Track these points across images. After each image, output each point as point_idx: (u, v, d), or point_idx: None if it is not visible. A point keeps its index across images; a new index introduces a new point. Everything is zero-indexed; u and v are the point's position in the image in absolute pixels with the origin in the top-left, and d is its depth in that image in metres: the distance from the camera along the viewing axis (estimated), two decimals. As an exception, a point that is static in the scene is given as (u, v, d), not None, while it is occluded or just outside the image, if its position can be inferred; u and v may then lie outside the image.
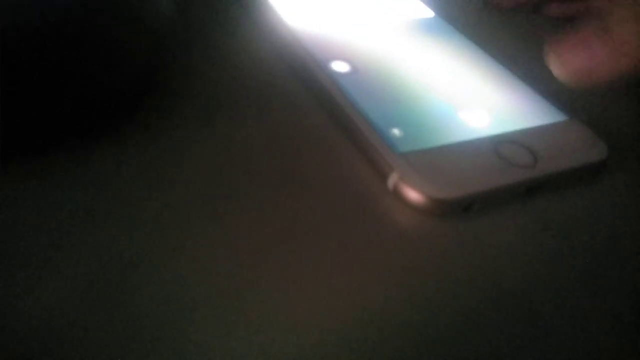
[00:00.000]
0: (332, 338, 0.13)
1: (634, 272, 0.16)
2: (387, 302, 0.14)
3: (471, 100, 0.21)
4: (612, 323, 0.15)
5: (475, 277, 0.15)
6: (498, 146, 0.19)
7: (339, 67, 0.21)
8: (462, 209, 0.17)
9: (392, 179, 0.17)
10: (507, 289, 0.15)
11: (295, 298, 0.14)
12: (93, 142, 0.18)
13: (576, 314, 0.15)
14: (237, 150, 0.18)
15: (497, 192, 0.17)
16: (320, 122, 0.20)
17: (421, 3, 0.28)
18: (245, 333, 0.13)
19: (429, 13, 0.27)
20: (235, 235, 0.16)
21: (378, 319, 0.14)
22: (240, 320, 0.13)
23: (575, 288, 0.16)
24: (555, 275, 0.16)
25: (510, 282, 0.15)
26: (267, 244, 0.15)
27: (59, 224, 0.15)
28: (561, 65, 0.21)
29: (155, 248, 0.15)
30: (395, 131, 0.18)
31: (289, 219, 0.16)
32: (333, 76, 0.21)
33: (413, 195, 0.17)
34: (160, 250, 0.15)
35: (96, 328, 0.13)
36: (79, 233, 0.15)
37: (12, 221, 0.15)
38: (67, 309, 0.13)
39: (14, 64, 0.15)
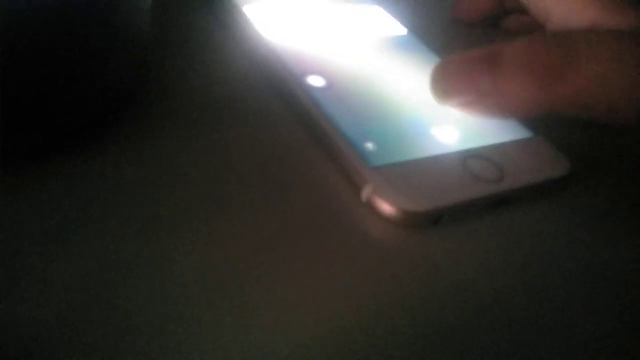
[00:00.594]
0: (304, 349, 0.14)
1: (593, 281, 0.17)
2: (361, 311, 0.15)
3: (441, 116, 0.22)
4: (574, 332, 0.16)
5: (444, 287, 0.16)
6: (466, 161, 0.19)
7: (315, 81, 0.22)
8: (431, 221, 0.18)
9: (366, 192, 0.18)
10: (475, 298, 0.16)
11: (270, 309, 0.15)
12: (80, 149, 0.18)
13: (541, 324, 0.16)
14: (212, 162, 0.19)
15: (465, 205, 0.18)
16: (297, 135, 0.21)
17: (395, 20, 0.29)
18: (220, 341, 0.14)
19: (402, 30, 0.28)
20: (210, 248, 0.16)
21: (351, 329, 0.15)
22: (216, 328, 0.14)
23: (539, 298, 0.16)
24: (521, 285, 0.17)
25: (478, 291, 0.16)
26: (242, 255, 0.16)
27: (52, 227, 0.15)
28: (440, 91, 0.20)
29: (148, 251, 0.15)
30: (369, 145, 0.19)
31: (264, 230, 0.17)
32: (309, 90, 0.21)
33: (385, 207, 0.17)
34: (146, 259, 0.15)
35: (90, 330, 0.13)
36: (72, 236, 0.15)
37: (5, 224, 0.15)
38: (61, 311, 0.13)
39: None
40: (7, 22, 0.14)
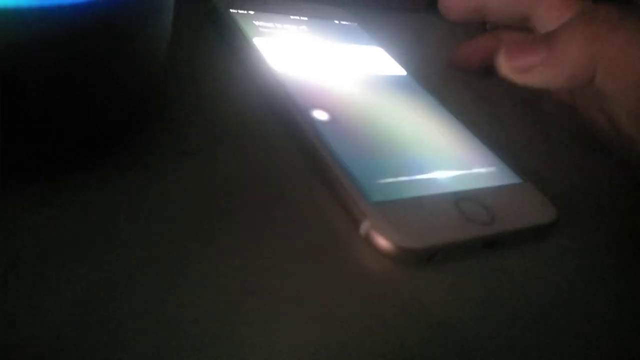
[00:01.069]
0: (304, 372, 0.14)
1: (583, 322, 0.18)
2: (350, 342, 0.16)
3: (437, 156, 0.23)
4: (553, 372, 0.16)
5: (432, 325, 0.17)
6: (459, 202, 0.20)
7: (320, 115, 0.23)
8: (425, 259, 0.19)
9: (365, 226, 0.19)
10: (459, 339, 0.17)
11: (266, 341, 0.15)
12: (79, 171, 0.19)
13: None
14: (211, 191, 0.19)
15: (457, 245, 0.19)
16: (298, 166, 0.22)
17: (396, 63, 0.30)
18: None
19: (402, 72, 0.29)
20: (207, 278, 0.16)
21: (337, 353, 0.15)
22: (213, 352, 0.14)
23: (525, 339, 0.17)
24: (507, 327, 0.17)
25: (464, 332, 0.17)
26: (239, 286, 0.16)
27: (44, 248, 0.16)
28: (505, 61, 0.26)
29: (151, 261, 0.16)
30: (370, 181, 0.20)
31: (262, 261, 0.17)
32: (313, 123, 0.22)
33: (382, 242, 0.18)
34: (153, 264, 0.16)
35: (88, 343, 0.13)
36: (65, 258, 0.16)
37: (7, 236, 0.16)
38: (53, 334, 0.14)
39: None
40: (26, 44, 0.15)
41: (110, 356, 0.14)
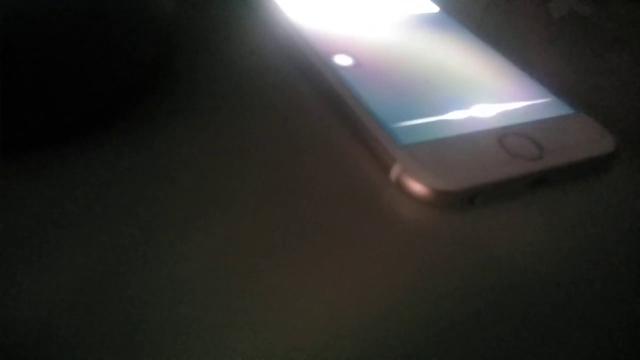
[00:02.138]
0: (338, 334, 0.13)
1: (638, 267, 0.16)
2: (392, 295, 0.14)
3: (475, 93, 0.20)
4: (617, 322, 0.14)
5: (478, 271, 0.15)
6: (503, 138, 0.18)
7: (342, 60, 0.21)
8: (465, 201, 0.17)
9: (395, 171, 0.17)
10: (510, 282, 0.15)
11: (300, 294, 0.14)
12: (91, 140, 0.18)
13: (580, 311, 0.14)
14: (239, 145, 0.18)
15: (502, 184, 0.17)
16: (323, 115, 0.20)
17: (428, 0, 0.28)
18: (248, 332, 0.13)
19: (434, 8, 0.27)
20: (237, 232, 0.15)
21: (383, 314, 0.14)
22: (243, 318, 0.13)
23: (581, 284, 0.15)
24: (560, 270, 0.15)
25: (514, 276, 0.15)
26: (270, 239, 0.15)
27: (50, 224, 0.15)
28: None
29: (155, 246, 0.15)
30: (398, 123, 0.18)
31: (292, 213, 0.16)
32: (336, 69, 0.20)
33: (416, 186, 0.16)
34: (160, 247, 0.15)
35: (87, 332, 0.13)
36: (71, 234, 0.15)
37: (5, 217, 0.15)
38: (57, 312, 0.13)
39: (12, 59, 0.14)
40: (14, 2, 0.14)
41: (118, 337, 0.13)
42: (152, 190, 0.16)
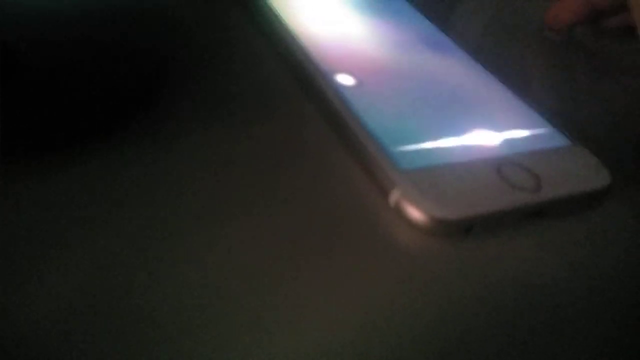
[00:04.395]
0: (329, 355, 0.13)
1: (635, 300, 0.16)
2: (384, 320, 0.14)
3: (476, 119, 0.21)
4: (615, 354, 0.14)
5: (473, 300, 0.15)
6: (501, 168, 0.18)
7: (344, 79, 0.21)
8: (462, 231, 0.17)
9: (394, 196, 0.17)
10: (505, 314, 0.15)
11: (292, 314, 0.14)
12: (89, 144, 0.17)
13: (576, 342, 0.15)
14: (235, 161, 0.18)
15: (499, 215, 0.17)
16: (323, 135, 0.20)
17: (428, 21, 0.28)
18: (242, 350, 0.13)
19: (436, 31, 0.27)
20: (231, 249, 0.15)
21: (377, 340, 0.14)
22: (237, 336, 0.13)
23: (576, 315, 0.15)
24: (556, 302, 0.16)
25: (509, 305, 0.15)
26: (265, 259, 0.15)
27: (55, 227, 0.15)
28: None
29: (154, 254, 0.14)
30: (399, 147, 0.18)
31: (288, 233, 0.16)
32: (337, 89, 0.20)
33: (414, 213, 0.16)
34: (158, 257, 0.14)
35: (91, 336, 0.12)
36: (75, 237, 0.15)
37: (5, 221, 0.15)
38: (60, 317, 0.13)
39: (16, 64, 0.14)
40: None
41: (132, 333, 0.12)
42: (154, 196, 0.16)
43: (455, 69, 0.24)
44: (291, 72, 0.23)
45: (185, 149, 0.18)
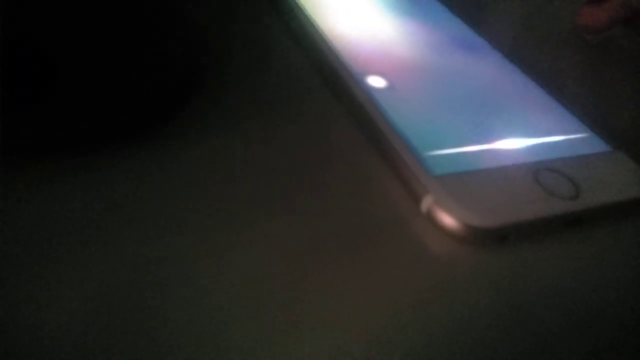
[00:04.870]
0: (357, 368, 0.13)
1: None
2: (415, 329, 0.14)
3: (511, 123, 0.20)
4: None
5: (507, 310, 0.15)
6: (538, 174, 0.18)
7: (376, 82, 0.21)
8: (498, 239, 0.16)
9: (426, 202, 0.16)
10: (539, 324, 0.14)
11: (321, 321, 0.13)
12: (116, 143, 0.17)
13: (611, 356, 0.14)
14: (264, 164, 0.18)
15: (536, 223, 0.16)
16: (353, 139, 0.19)
17: (462, 22, 0.27)
18: (272, 353, 0.13)
19: (471, 33, 0.26)
20: (257, 254, 0.15)
21: (404, 345, 0.13)
22: (262, 344, 0.13)
23: (612, 327, 0.15)
24: (595, 314, 0.15)
25: (543, 317, 0.15)
26: (293, 265, 0.15)
27: (73, 228, 0.15)
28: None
29: (178, 255, 0.14)
30: (432, 153, 0.18)
31: (317, 240, 0.16)
32: (369, 91, 0.20)
33: (447, 220, 0.16)
34: (182, 258, 0.14)
35: (113, 339, 0.12)
36: (96, 244, 0.14)
37: (21, 223, 0.15)
38: (79, 323, 0.13)
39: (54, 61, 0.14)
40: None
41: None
42: (177, 203, 0.16)
43: (489, 71, 0.23)
44: (321, 74, 0.22)
45: (211, 153, 0.18)
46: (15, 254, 0.14)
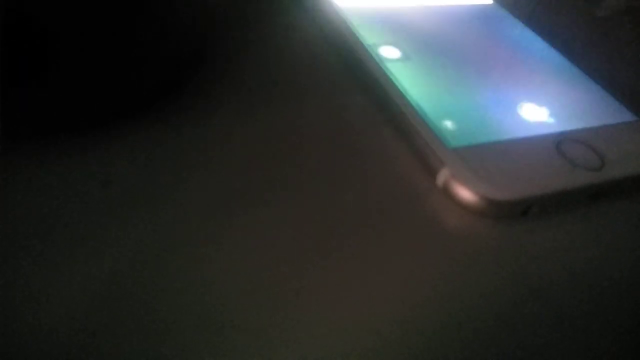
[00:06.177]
0: (375, 338, 0.12)
1: None
2: (432, 303, 0.13)
3: (532, 94, 0.19)
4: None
5: (529, 287, 0.14)
6: (561, 145, 0.17)
7: (389, 52, 0.20)
8: (519, 212, 0.16)
9: (443, 176, 0.16)
10: (565, 300, 0.14)
11: (338, 296, 0.13)
12: (127, 122, 0.17)
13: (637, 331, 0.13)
14: (279, 139, 0.17)
15: (559, 195, 0.16)
16: (367, 111, 0.19)
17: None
18: (283, 333, 0.12)
19: (488, 1, 0.25)
20: (275, 228, 0.14)
21: (421, 320, 0.13)
22: (277, 319, 0.12)
23: (637, 303, 0.14)
24: (619, 289, 0.14)
25: (571, 293, 0.14)
26: (309, 239, 0.14)
27: (75, 216, 0.14)
28: None
29: (189, 237, 0.14)
30: (448, 124, 0.17)
31: (333, 214, 0.15)
32: (382, 62, 0.19)
33: (465, 194, 0.15)
34: (192, 240, 0.14)
35: (116, 334, 0.12)
36: (100, 234, 0.14)
37: (20, 213, 0.14)
38: (80, 316, 0.12)
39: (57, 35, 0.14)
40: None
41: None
42: (183, 188, 0.15)
43: (510, 40, 0.22)
44: (334, 44, 0.22)
45: (228, 125, 0.17)
46: (10, 245, 0.13)
